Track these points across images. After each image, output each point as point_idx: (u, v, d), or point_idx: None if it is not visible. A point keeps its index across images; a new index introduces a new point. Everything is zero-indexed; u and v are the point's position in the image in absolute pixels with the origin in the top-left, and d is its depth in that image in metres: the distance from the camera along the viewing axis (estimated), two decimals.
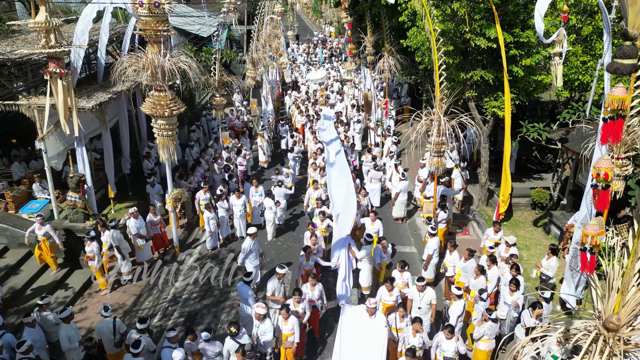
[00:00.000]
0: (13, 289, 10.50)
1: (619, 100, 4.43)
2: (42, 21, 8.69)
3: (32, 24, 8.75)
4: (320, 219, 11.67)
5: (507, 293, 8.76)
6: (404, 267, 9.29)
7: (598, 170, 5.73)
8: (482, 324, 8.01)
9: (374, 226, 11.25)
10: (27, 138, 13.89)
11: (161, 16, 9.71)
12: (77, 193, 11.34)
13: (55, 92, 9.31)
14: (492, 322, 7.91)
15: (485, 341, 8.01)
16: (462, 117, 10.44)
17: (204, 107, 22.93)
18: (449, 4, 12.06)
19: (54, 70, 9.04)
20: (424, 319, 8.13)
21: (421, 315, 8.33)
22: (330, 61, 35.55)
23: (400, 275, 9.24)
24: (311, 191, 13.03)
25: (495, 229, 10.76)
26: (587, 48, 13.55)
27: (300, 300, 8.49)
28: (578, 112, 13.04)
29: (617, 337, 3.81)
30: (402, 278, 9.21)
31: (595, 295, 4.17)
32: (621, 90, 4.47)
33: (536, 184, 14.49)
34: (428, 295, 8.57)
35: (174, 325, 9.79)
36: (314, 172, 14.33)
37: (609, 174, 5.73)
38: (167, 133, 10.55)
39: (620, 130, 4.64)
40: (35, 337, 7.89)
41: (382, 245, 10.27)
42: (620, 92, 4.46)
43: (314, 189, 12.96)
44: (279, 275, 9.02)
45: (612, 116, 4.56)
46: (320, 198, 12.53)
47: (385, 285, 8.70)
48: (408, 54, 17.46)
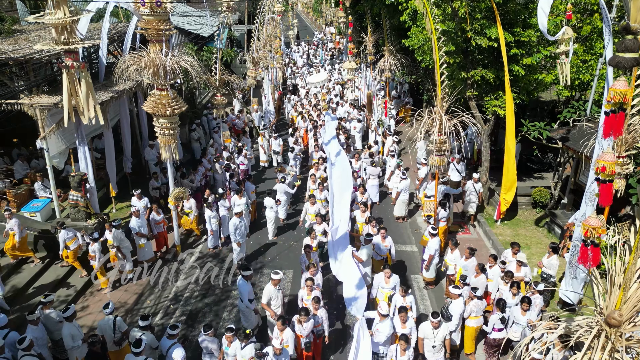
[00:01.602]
0: (15, 287, 10.53)
1: (621, 94, 4.47)
2: (60, 17, 8.68)
3: (49, 20, 8.72)
4: (312, 237, 10.75)
5: (519, 313, 8.18)
6: (407, 292, 8.54)
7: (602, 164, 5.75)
8: (468, 302, 8.50)
9: (385, 242, 10.51)
10: (28, 137, 13.91)
11: (163, 15, 9.74)
12: (78, 192, 11.37)
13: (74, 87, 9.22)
14: (477, 299, 8.43)
15: (474, 318, 8.49)
16: (463, 116, 10.46)
17: (204, 106, 22.96)
18: (449, 3, 12.08)
19: (73, 64, 8.94)
20: (437, 358, 7.85)
21: (435, 353, 7.84)
22: (331, 62, 35.25)
23: (402, 300, 8.44)
24: (308, 206, 12.07)
25: (514, 251, 9.76)
26: (587, 47, 13.57)
27: (307, 320, 7.94)
28: (579, 111, 13.08)
29: (619, 333, 3.84)
30: (405, 302, 8.39)
31: (597, 291, 4.20)
32: (623, 84, 4.50)
33: (537, 183, 14.51)
34: (442, 331, 7.81)
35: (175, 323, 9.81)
36: (313, 184, 13.34)
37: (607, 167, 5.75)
38: (168, 132, 10.57)
39: (621, 124, 4.68)
40: (38, 334, 7.92)
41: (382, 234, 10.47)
42: (622, 86, 4.49)
43: (311, 204, 12.00)
44: (274, 281, 8.59)
45: (614, 109, 4.60)
46: (319, 213, 11.64)
47: (400, 315, 7.99)
48: (408, 53, 17.49)
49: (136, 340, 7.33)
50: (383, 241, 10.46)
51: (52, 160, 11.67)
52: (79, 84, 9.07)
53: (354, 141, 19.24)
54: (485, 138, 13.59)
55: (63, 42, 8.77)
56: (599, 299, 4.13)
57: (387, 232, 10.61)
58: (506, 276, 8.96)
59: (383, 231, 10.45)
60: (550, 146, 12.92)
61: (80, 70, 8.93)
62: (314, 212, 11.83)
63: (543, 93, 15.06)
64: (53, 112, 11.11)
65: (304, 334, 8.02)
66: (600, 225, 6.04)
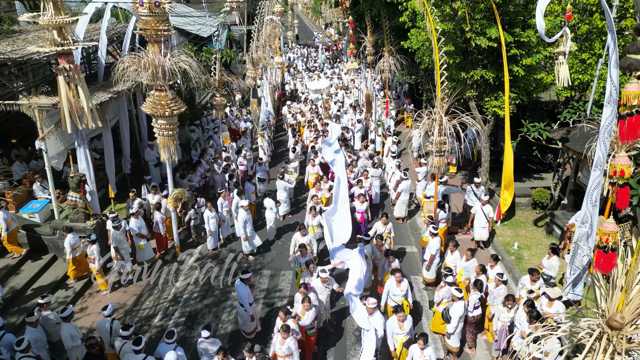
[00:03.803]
0: (14, 289, 10.49)
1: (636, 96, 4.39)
2: (55, 18, 8.65)
3: (43, 21, 8.70)
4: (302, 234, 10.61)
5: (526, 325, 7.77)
6: (426, 343, 7.59)
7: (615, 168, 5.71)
8: (440, 289, 8.80)
9: (401, 287, 9.10)
10: (27, 138, 13.88)
11: (162, 16, 9.70)
12: (77, 193, 11.33)
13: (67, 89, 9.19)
14: (449, 286, 8.65)
15: (445, 304, 8.68)
16: (463, 117, 10.44)
17: (204, 107, 22.93)
18: (449, 3, 12.06)
19: (66, 66, 8.93)
20: None
21: None
22: (331, 66, 34.59)
23: (420, 353, 7.56)
24: (298, 236, 10.61)
25: (533, 278, 8.91)
26: (586, 47, 13.55)
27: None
28: (578, 112, 13.05)
29: (620, 336, 3.81)
30: (423, 356, 7.56)
31: (598, 293, 4.17)
32: (636, 86, 4.44)
33: (537, 183, 14.49)
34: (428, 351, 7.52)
35: (174, 324, 9.79)
36: (308, 214, 12.02)
37: (625, 170, 5.70)
38: (167, 133, 10.54)
39: (638, 127, 4.59)
40: (36, 336, 7.90)
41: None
42: (635, 88, 4.43)
43: (302, 235, 10.58)
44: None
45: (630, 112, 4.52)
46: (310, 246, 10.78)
47: None
48: (408, 53, 17.45)
49: (137, 338, 7.32)
50: (398, 285, 8.93)
51: (51, 161, 11.62)
52: (74, 86, 9.04)
53: (354, 142, 19.20)
54: (485, 139, 13.56)
55: (57, 44, 8.73)
56: (600, 301, 4.10)
57: (403, 275, 9.05)
58: (507, 300, 8.34)
59: (398, 274, 8.85)
60: (550, 147, 12.89)
61: (74, 73, 8.90)
62: (306, 242, 10.60)
63: (543, 93, 15.05)
64: (52, 113, 11.07)
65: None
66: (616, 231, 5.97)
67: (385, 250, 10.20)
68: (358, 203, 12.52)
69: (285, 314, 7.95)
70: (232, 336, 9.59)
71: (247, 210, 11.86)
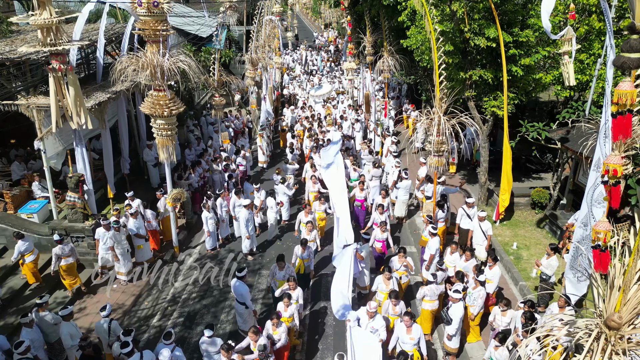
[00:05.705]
0: (12, 289, 10.48)
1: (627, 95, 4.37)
2: (45, 18, 8.64)
3: (34, 21, 8.69)
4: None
5: None
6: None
7: (607, 167, 5.68)
8: (423, 286, 8.88)
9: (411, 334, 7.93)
10: (26, 138, 13.86)
11: (160, 16, 9.70)
12: (76, 193, 11.31)
13: (60, 89, 9.19)
14: (433, 284, 8.75)
15: (429, 301, 8.80)
16: (461, 117, 10.44)
17: (203, 107, 22.90)
18: (448, 3, 12.06)
19: (59, 67, 8.92)
20: None
21: None
22: (331, 69, 34.04)
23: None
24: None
25: None
26: (585, 47, 13.56)
27: None
28: (577, 112, 13.06)
29: (618, 336, 3.80)
30: None
31: (596, 293, 4.16)
32: (628, 85, 4.41)
33: (536, 183, 14.49)
34: None
35: (173, 325, 9.78)
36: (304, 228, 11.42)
37: (617, 170, 5.67)
38: (166, 133, 10.54)
39: (629, 125, 4.57)
40: (33, 337, 7.88)
41: None
42: (628, 87, 4.40)
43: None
44: None
45: (622, 111, 4.49)
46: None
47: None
48: (407, 53, 17.45)
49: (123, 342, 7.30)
50: (409, 332, 7.68)
51: (50, 161, 11.61)
52: (66, 87, 9.02)
53: (354, 142, 19.13)
54: (484, 139, 13.56)
55: (49, 44, 8.71)
56: (598, 301, 4.09)
57: (412, 319, 7.78)
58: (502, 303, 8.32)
59: (407, 318, 7.68)
60: (549, 147, 12.89)
61: (67, 73, 8.88)
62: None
63: (542, 93, 15.05)
64: (49, 114, 11.05)
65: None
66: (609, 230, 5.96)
67: (389, 291, 8.66)
68: (378, 231, 10.93)
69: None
70: (230, 336, 9.56)
71: (249, 209, 11.85)
